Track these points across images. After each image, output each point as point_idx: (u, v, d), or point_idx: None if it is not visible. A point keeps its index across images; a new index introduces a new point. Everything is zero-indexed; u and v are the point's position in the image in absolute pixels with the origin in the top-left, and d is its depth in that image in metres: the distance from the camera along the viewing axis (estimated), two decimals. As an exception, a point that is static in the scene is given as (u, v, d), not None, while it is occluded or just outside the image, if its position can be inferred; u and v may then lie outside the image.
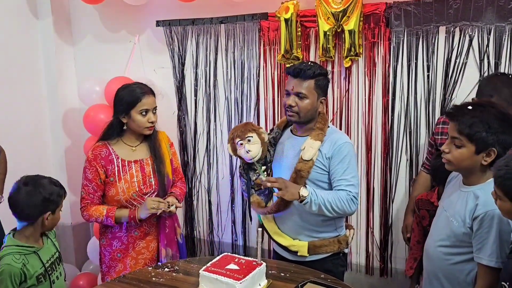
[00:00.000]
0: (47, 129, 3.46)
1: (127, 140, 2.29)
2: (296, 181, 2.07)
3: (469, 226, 1.70)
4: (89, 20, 3.36)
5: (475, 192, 1.72)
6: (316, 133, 2.10)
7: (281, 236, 2.22)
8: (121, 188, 2.22)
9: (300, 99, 2.06)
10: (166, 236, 2.32)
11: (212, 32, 2.98)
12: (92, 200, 2.23)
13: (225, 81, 3.02)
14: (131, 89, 2.21)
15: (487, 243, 1.64)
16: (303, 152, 2.08)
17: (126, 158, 2.25)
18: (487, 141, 1.64)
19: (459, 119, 1.67)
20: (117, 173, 2.22)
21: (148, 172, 2.27)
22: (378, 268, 2.83)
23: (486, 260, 1.65)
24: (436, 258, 1.84)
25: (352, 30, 2.52)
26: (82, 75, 3.48)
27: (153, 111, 2.23)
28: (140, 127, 2.22)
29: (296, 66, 2.07)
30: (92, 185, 2.22)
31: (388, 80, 2.58)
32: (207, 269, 1.89)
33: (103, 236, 2.33)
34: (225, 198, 3.20)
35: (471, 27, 2.35)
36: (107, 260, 2.32)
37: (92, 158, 2.22)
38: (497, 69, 2.34)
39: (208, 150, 3.16)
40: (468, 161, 1.70)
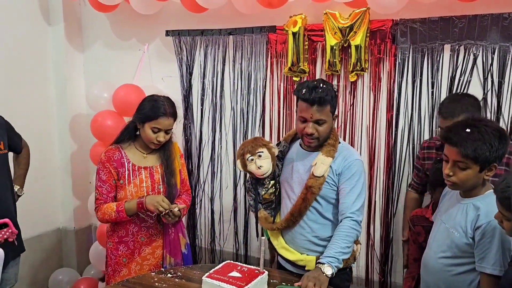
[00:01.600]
0: (54, 134, 3.51)
1: (139, 146, 2.33)
2: (306, 197, 2.07)
3: (471, 237, 1.74)
4: (100, 27, 3.43)
5: (475, 203, 1.76)
6: (328, 149, 2.07)
7: (288, 251, 2.20)
8: (130, 191, 2.26)
9: (319, 125, 2.02)
10: (170, 242, 2.34)
11: (221, 43, 3.03)
12: (106, 200, 2.26)
13: (232, 92, 3.06)
14: (155, 104, 2.23)
15: (490, 252, 1.68)
16: (315, 168, 2.06)
17: (136, 163, 2.29)
18: (490, 159, 1.70)
19: (462, 144, 1.69)
20: (127, 176, 2.26)
21: (157, 179, 2.31)
22: (378, 281, 2.84)
23: (490, 269, 1.68)
24: (437, 270, 1.86)
25: (359, 45, 2.56)
26: (90, 81, 3.54)
27: (166, 132, 2.26)
28: (147, 140, 2.26)
29: (313, 94, 1.97)
30: (106, 186, 2.26)
31: (393, 96, 2.62)
32: (210, 275, 1.91)
33: (110, 239, 2.36)
34: (227, 207, 3.23)
35: (476, 46, 2.39)
36: (112, 264, 2.35)
37: (105, 160, 2.26)
38: (500, 88, 2.38)
39: (213, 159, 3.20)
40: (473, 180, 1.75)
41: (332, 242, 1.98)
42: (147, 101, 2.28)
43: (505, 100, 2.38)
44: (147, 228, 2.32)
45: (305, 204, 2.09)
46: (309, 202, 2.08)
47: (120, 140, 2.32)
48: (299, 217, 2.12)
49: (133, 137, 2.33)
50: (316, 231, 2.12)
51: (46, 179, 3.48)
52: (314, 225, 2.12)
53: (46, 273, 3.53)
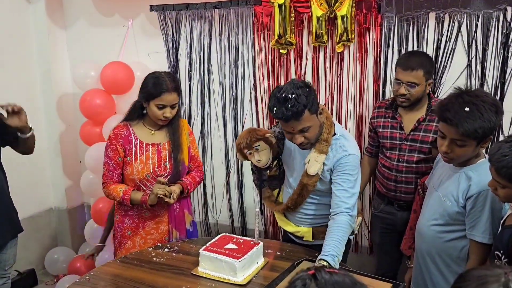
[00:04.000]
0: (41, 115, 3.47)
1: (148, 123, 2.33)
2: (302, 194, 2.10)
3: (462, 205, 1.79)
4: (82, 3, 3.36)
5: (467, 173, 1.80)
6: (321, 145, 2.01)
7: (287, 223, 2.26)
8: (136, 168, 2.27)
9: (306, 132, 1.94)
10: (175, 217, 2.38)
11: (206, 17, 3.00)
12: (112, 177, 2.29)
13: (220, 66, 3.06)
14: (157, 82, 2.21)
15: (480, 221, 1.74)
16: (308, 166, 2.03)
17: (144, 140, 2.30)
18: (489, 133, 1.71)
19: (462, 124, 1.67)
20: (134, 153, 2.28)
21: (164, 156, 2.31)
22: (366, 246, 2.93)
23: (480, 237, 1.74)
24: (429, 236, 1.92)
25: (345, 15, 2.57)
26: (75, 59, 3.49)
27: (172, 107, 2.24)
28: (154, 118, 2.26)
29: (284, 111, 1.85)
30: (112, 162, 2.28)
31: (380, 66, 2.64)
32: (206, 248, 1.97)
33: (117, 212, 2.39)
34: (219, 181, 3.26)
35: (460, 13, 2.42)
36: (119, 236, 2.38)
37: (113, 137, 2.28)
38: (484, 55, 2.42)
39: (203, 135, 3.21)
40: (471, 154, 1.78)
41: (332, 236, 1.91)
42: (148, 79, 2.25)
43: (489, 66, 2.42)
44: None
45: (301, 199, 2.13)
46: (304, 197, 2.13)
47: (129, 118, 2.34)
48: (297, 207, 2.17)
49: (141, 115, 2.34)
50: (312, 212, 2.18)
51: (35, 160, 3.43)
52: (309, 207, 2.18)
53: (42, 252, 3.57)
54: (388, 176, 2.42)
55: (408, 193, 2.37)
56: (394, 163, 2.38)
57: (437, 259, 1.91)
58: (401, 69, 2.26)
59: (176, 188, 2.27)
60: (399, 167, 2.37)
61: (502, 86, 2.42)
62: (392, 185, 2.41)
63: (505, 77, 2.40)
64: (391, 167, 2.39)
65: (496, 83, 2.43)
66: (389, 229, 2.51)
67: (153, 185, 2.26)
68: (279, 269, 1.97)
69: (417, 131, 2.31)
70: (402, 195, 2.40)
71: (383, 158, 2.46)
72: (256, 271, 1.96)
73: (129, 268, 2.03)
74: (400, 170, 2.37)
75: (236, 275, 1.87)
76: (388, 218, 2.50)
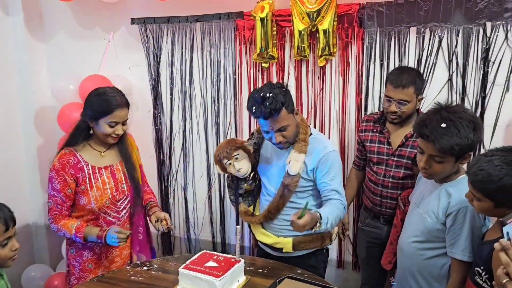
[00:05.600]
0: (18, 128, 3.38)
1: (95, 145, 2.19)
2: (284, 194, 2.09)
3: (443, 222, 1.78)
4: (61, 17, 3.31)
5: (447, 189, 1.79)
6: (299, 145, 2.07)
7: (266, 236, 2.24)
8: (94, 196, 2.14)
9: (284, 131, 2.02)
10: (140, 242, 2.29)
11: (188, 31, 2.98)
12: (61, 211, 2.13)
13: (201, 80, 3.03)
14: (106, 98, 2.09)
15: (460, 238, 1.72)
16: (289, 166, 2.06)
17: (95, 164, 2.16)
18: (466, 150, 1.72)
19: (438, 141, 1.69)
20: (88, 180, 2.13)
21: (119, 178, 2.21)
22: (351, 262, 2.90)
23: (460, 255, 1.73)
24: (410, 253, 1.91)
25: (327, 29, 2.57)
26: (54, 72, 3.42)
27: (123, 123, 2.14)
28: (104, 137, 2.13)
29: (262, 109, 1.94)
30: (61, 195, 2.11)
31: (362, 79, 2.65)
32: (186, 267, 1.91)
33: (72, 246, 2.22)
34: (201, 196, 3.22)
35: (441, 28, 2.43)
36: (76, 272, 2.22)
37: (59, 168, 2.09)
38: (465, 69, 2.43)
39: (184, 148, 3.17)
40: (449, 170, 1.78)
41: (327, 207, 1.97)
42: (94, 96, 2.12)
43: (469, 81, 2.44)
44: None
45: (283, 201, 2.12)
46: (286, 199, 2.11)
47: (73, 143, 2.16)
48: (277, 213, 2.15)
49: (87, 137, 2.19)
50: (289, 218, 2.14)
51: (12, 175, 3.37)
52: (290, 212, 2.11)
53: (18, 269, 3.45)
54: (374, 191, 2.40)
55: (394, 208, 2.36)
56: (380, 178, 2.36)
57: (418, 276, 1.89)
58: (392, 87, 2.23)
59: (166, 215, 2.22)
60: (384, 182, 2.35)
61: (482, 100, 2.43)
62: (377, 199, 2.40)
63: (486, 92, 2.41)
64: (377, 182, 2.38)
65: (476, 97, 2.44)
66: (375, 243, 2.49)
67: (113, 212, 2.19)
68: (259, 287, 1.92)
69: (404, 147, 2.30)
70: (387, 210, 2.38)
71: (370, 172, 2.45)
72: (237, 289, 1.91)
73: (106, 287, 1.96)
74: (385, 185, 2.35)
75: (216, 294, 1.82)
76: (374, 232, 2.48)
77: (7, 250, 1.66)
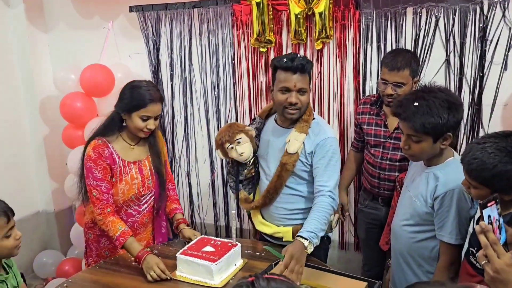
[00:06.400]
0: (24, 118, 3.45)
1: (127, 137, 2.18)
2: (281, 174, 2.09)
3: (431, 206, 1.79)
4: (62, 6, 3.34)
5: (435, 172, 1.80)
6: (301, 125, 2.06)
7: (266, 225, 2.25)
8: (122, 189, 2.14)
9: (301, 95, 2.01)
10: (162, 235, 2.34)
11: (186, 17, 2.99)
12: (108, 200, 2.09)
13: (201, 65, 3.04)
14: (140, 92, 2.08)
15: (448, 221, 1.74)
16: (288, 145, 2.06)
17: (125, 158, 2.15)
18: (442, 130, 1.71)
19: (410, 119, 1.71)
20: (118, 173, 2.13)
21: (146, 174, 2.21)
22: (352, 243, 2.94)
23: (447, 238, 1.75)
24: (401, 236, 1.93)
25: (323, 12, 2.55)
26: (57, 62, 3.47)
27: (155, 118, 2.12)
28: (136, 130, 2.12)
29: (295, 61, 1.96)
30: (104, 183, 2.09)
31: (359, 62, 2.64)
32: (183, 252, 1.96)
33: (90, 231, 2.26)
34: (205, 180, 3.26)
35: (437, 7, 2.40)
36: (93, 255, 2.28)
37: (96, 157, 2.08)
38: (462, 49, 2.41)
39: (187, 134, 3.21)
40: (429, 150, 1.78)
41: (311, 216, 1.94)
42: (130, 89, 2.10)
43: (467, 60, 2.42)
44: (132, 222, 2.22)
45: (280, 182, 2.12)
46: (284, 179, 2.11)
47: (106, 133, 2.15)
48: (275, 194, 2.15)
49: (120, 129, 2.17)
50: (290, 205, 2.17)
51: (20, 164, 3.46)
52: (289, 200, 2.16)
53: (31, 256, 3.56)
54: (372, 173, 2.42)
55: (392, 190, 2.36)
56: (377, 160, 2.37)
57: (409, 259, 1.91)
58: (387, 70, 2.23)
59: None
60: (382, 165, 2.36)
61: (480, 79, 2.41)
62: (375, 181, 2.41)
63: (483, 71, 2.39)
64: (375, 164, 2.39)
65: (474, 77, 2.42)
66: (374, 224, 2.51)
67: (135, 205, 2.21)
68: (257, 270, 1.96)
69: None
70: (385, 192, 2.40)
71: (367, 154, 2.45)
72: (234, 273, 1.96)
73: (107, 273, 2.03)
74: (383, 167, 2.36)
75: (213, 278, 1.87)
76: (373, 213, 2.50)
77: (11, 240, 1.73)
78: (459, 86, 2.46)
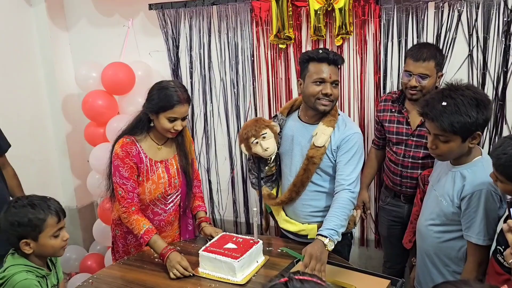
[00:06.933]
0: (47, 116, 3.52)
1: (154, 136, 2.20)
2: (308, 168, 2.09)
3: (458, 206, 1.76)
4: (82, 5, 3.37)
5: (462, 172, 1.77)
6: (329, 119, 2.08)
7: (290, 223, 2.25)
8: (148, 188, 2.16)
9: (334, 87, 2.04)
10: (189, 232, 2.36)
11: (205, 14, 2.99)
12: (133, 199, 2.12)
13: (220, 63, 3.05)
14: (168, 93, 2.07)
15: (475, 222, 1.71)
16: (315, 138, 2.07)
17: (152, 157, 2.18)
18: (471, 128, 1.68)
19: (438, 119, 1.68)
20: (145, 172, 2.15)
21: (173, 173, 2.23)
22: (373, 240, 2.93)
23: (475, 238, 1.72)
24: (427, 236, 1.91)
25: (342, 8, 2.53)
26: (78, 60, 3.52)
27: (183, 119, 2.13)
28: (163, 130, 2.13)
29: (330, 54, 2.01)
30: (130, 182, 2.11)
31: (380, 57, 2.61)
32: (206, 249, 1.98)
33: (118, 228, 2.29)
34: (224, 177, 3.28)
35: (460, 2, 2.37)
36: (120, 251, 2.32)
37: (123, 156, 2.11)
38: (485, 43, 2.37)
39: (206, 131, 3.22)
40: (457, 150, 1.74)
41: (331, 213, 1.95)
42: (157, 90, 2.10)
43: (491, 55, 2.38)
44: (158, 221, 2.26)
45: (307, 175, 2.11)
46: (310, 173, 2.11)
47: (134, 133, 2.17)
48: (302, 188, 2.14)
49: (147, 129, 2.19)
50: (316, 203, 2.17)
51: (44, 161, 3.52)
52: (315, 197, 2.17)
53: (54, 251, 3.62)
54: (394, 171, 2.40)
55: (414, 187, 2.35)
56: (400, 158, 2.35)
57: (435, 259, 1.89)
58: (412, 60, 2.21)
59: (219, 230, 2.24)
60: (404, 163, 2.34)
61: (504, 75, 2.37)
62: (398, 179, 2.39)
63: (508, 66, 2.35)
64: (397, 162, 2.37)
65: (498, 72, 2.38)
66: (396, 222, 2.50)
67: (161, 204, 2.24)
68: (279, 268, 1.98)
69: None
70: (408, 190, 2.38)
71: (389, 151, 2.44)
72: (256, 269, 1.97)
73: (131, 270, 2.06)
74: (405, 165, 2.34)
75: (236, 275, 1.88)
76: (395, 210, 2.49)
77: (59, 240, 1.76)
78: (482, 82, 2.42)
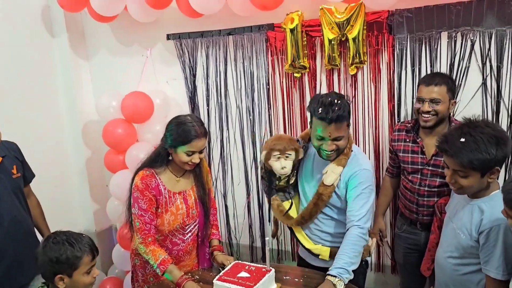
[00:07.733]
0: (68, 142, 3.61)
1: (173, 169, 2.25)
2: (317, 203, 2.13)
3: (476, 239, 1.76)
4: (102, 35, 3.48)
5: (480, 205, 1.78)
6: (339, 158, 2.09)
7: (305, 239, 2.29)
8: (167, 220, 2.20)
9: (339, 141, 2.03)
10: (207, 261, 2.39)
11: (221, 44, 3.07)
12: (149, 230, 2.16)
13: (236, 91, 3.12)
14: (185, 128, 2.11)
15: (494, 256, 1.71)
16: (325, 176, 2.10)
17: (171, 189, 2.22)
18: (490, 165, 1.69)
19: (457, 155, 1.69)
20: (164, 204, 2.19)
21: (191, 204, 2.27)
22: (389, 266, 2.92)
23: (494, 273, 1.72)
24: (446, 268, 1.91)
25: (356, 38, 2.58)
26: (98, 88, 3.62)
27: (200, 152, 2.16)
28: (181, 163, 2.17)
29: (330, 113, 1.94)
30: (148, 214, 2.15)
31: (393, 86, 2.65)
32: (220, 278, 2.02)
33: (137, 257, 2.32)
34: (240, 202, 3.32)
35: (473, 31, 2.40)
36: (140, 280, 2.35)
37: (143, 188, 2.14)
38: (499, 72, 2.39)
39: (223, 157, 3.27)
40: (476, 185, 1.76)
41: (341, 251, 1.98)
42: (175, 125, 2.14)
43: (505, 84, 2.40)
44: (177, 251, 2.29)
45: (316, 209, 2.17)
46: (319, 208, 2.16)
47: (154, 165, 2.22)
48: (310, 220, 2.21)
49: (166, 162, 2.24)
50: (327, 228, 2.21)
51: (63, 186, 3.60)
52: (326, 223, 2.21)
53: (73, 275, 3.68)
54: (410, 199, 2.41)
55: (431, 215, 2.35)
56: (415, 186, 2.37)
57: (454, 291, 1.89)
58: (424, 86, 2.26)
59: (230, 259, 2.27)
60: (420, 191, 2.35)
61: (519, 103, 2.38)
62: (414, 207, 2.40)
63: (522, 94, 2.37)
64: (413, 190, 2.38)
65: (513, 100, 2.40)
66: (412, 249, 2.49)
67: (180, 234, 2.27)
68: (292, 296, 2.00)
69: (438, 156, 2.26)
70: (424, 218, 2.38)
71: (405, 180, 2.45)
72: (270, 298, 1.99)
73: (150, 298, 2.10)
74: (421, 194, 2.35)
75: (251, 304, 1.91)
76: (411, 238, 2.49)
77: (90, 277, 1.81)
78: (497, 110, 2.44)
